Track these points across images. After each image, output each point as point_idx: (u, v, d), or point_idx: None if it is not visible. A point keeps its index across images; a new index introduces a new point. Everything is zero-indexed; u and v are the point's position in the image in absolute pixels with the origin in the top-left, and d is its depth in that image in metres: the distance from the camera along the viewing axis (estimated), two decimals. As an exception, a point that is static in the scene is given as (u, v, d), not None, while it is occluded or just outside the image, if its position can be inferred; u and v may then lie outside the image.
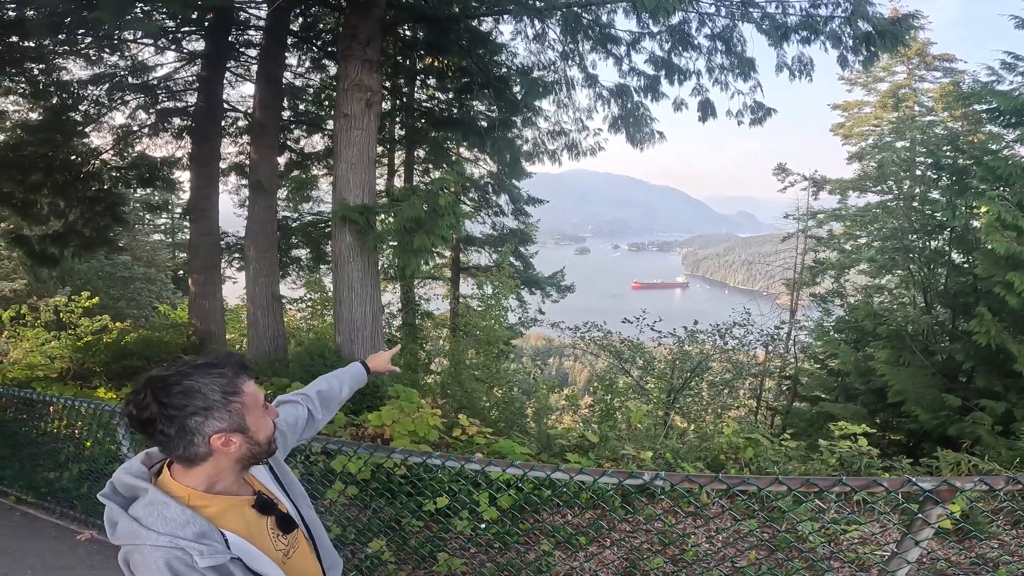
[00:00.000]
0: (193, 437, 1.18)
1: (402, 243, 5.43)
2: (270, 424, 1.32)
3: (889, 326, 7.27)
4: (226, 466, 1.26)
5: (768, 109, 7.29)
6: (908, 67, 19.15)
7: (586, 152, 10.36)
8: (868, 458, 3.73)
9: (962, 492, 1.67)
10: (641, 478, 1.87)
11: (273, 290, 7.84)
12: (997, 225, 5.49)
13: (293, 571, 1.37)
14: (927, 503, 1.75)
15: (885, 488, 1.69)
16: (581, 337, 11.40)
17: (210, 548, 1.16)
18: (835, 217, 18.28)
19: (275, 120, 8.77)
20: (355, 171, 6.22)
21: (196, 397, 1.18)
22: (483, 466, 2.15)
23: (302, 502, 1.53)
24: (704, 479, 1.79)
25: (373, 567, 3.24)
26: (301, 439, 1.75)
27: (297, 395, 1.79)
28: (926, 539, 1.82)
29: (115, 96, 10.05)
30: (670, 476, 1.84)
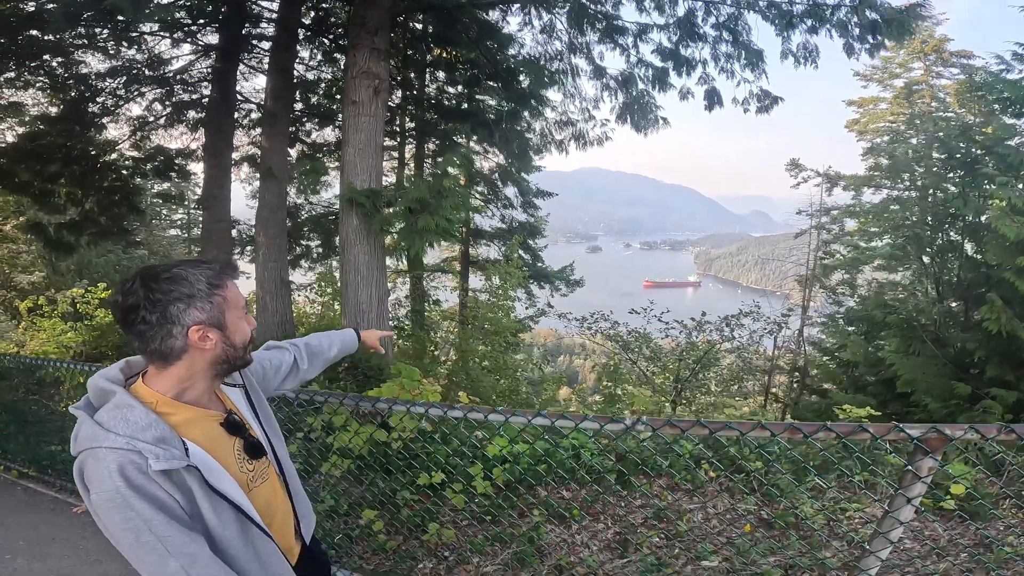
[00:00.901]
0: (172, 327, 1.18)
1: (407, 224, 5.50)
2: (247, 330, 1.31)
3: (899, 315, 7.19)
4: (199, 368, 1.25)
5: (774, 97, 7.24)
6: (925, 63, 18.90)
7: (593, 142, 10.37)
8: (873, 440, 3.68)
9: (952, 440, 1.65)
10: (623, 423, 1.88)
11: (282, 275, 7.96)
12: (1007, 210, 5.42)
13: (259, 501, 1.34)
14: (917, 453, 1.72)
15: (871, 434, 1.69)
16: (588, 328, 11.40)
17: (167, 453, 1.13)
18: (849, 213, 18.09)
19: (286, 110, 8.90)
20: (362, 156, 6.30)
21: (182, 284, 1.19)
22: (465, 412, 2.18)
23: (277, 441, 1.51)
24: (685, 424, 1.78)
25: (364, 536, 3.29)
26: (283, 387, 1.76)
27: (287, 343, 1.80)
28: (918, 495, 1.80)
29: (132, 89, 10.25)
30: (651, 421, 1.85)
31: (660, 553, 2.84)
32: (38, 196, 9.67)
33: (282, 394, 1.80)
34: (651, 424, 1.84)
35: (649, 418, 1.88)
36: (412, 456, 3.52)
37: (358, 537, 3.29)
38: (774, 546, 2.79)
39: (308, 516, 1.61)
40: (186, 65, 10.55)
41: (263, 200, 7.97)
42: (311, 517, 1.63)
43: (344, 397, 2.56)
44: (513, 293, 12.47)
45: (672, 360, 10.62)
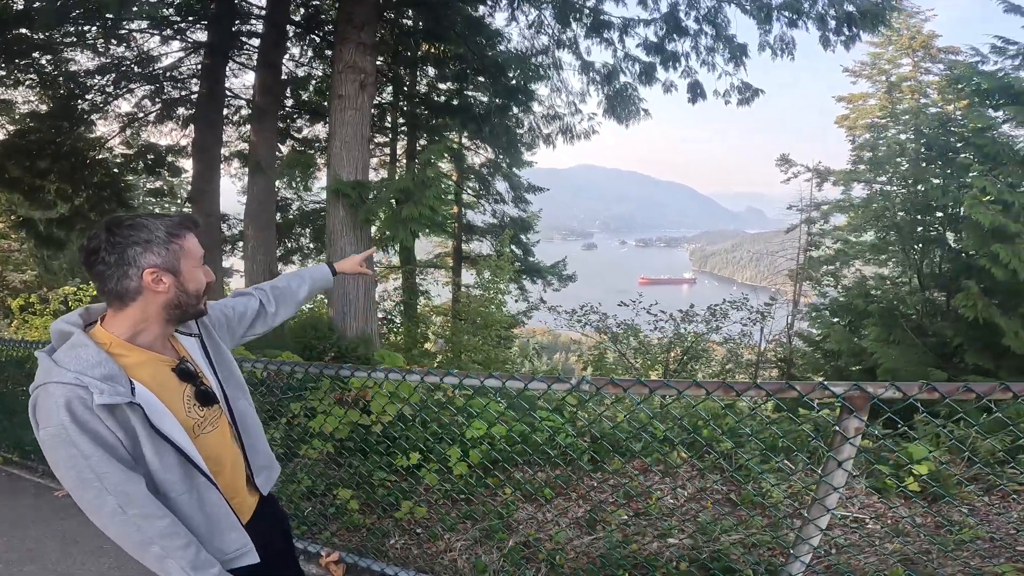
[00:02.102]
0: (128, 268, 1.24)
1: (392, 214, 5.57)
2: (203, 280, 1.38)
3: (880, 304, 7.29)
4: (153, 311, 1.30)
5: (755, 89, 7.33)
6: (914, 59, 19.07)
7: (580, 136, 10.45)
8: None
9: (875, 398, 1.70)
10: (568, 382, 1.95)
11: (271, 267, 8.02)
12: (982, 198, 5.52)
13: (207, 449, 1.37)
14: (843, 413, 1.76)
15: (798, 392, 1.74)
16: (578, 320, 11.49)
17: (112, 389, 1.17)
18: (838, 208, 18.22)
19: (275, 105, 8.96)
20: (348, 149, 6.36)
21: (142, 230, 1.26)
22: (422, 376, 2.25)
23: (234, 391, 1.54)
24: (627, 383, 1.83)
25: (339, 514, 3.37)
26: (253, 332, 1.77)
27: (251, 288, 1.82)
28: (848, 458, 1.84)
29: (121, 86, 10.30)
30: (596, 380, 1.91)
31: (627, 531, 2.92)
32: (28, 192, 9.69)
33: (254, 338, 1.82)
34: (595, 383, 1.90)
35: (592, 376, 1.95)
36: (391, 439, 3.59)
37: (333, 515, 3.37)
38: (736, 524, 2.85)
39: (268, 468, 1.63)
40: (175, 62, 10.61)
41: (252, 194, 8.02)
42: (272, 470, 1.65)
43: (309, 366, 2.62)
44: (504, 287, 12.55)
45: (660, 352, 10.72)
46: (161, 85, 10.65)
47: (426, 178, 5.50)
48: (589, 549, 2.79)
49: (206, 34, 9.78)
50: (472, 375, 2.11)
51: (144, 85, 10.52)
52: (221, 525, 1.38)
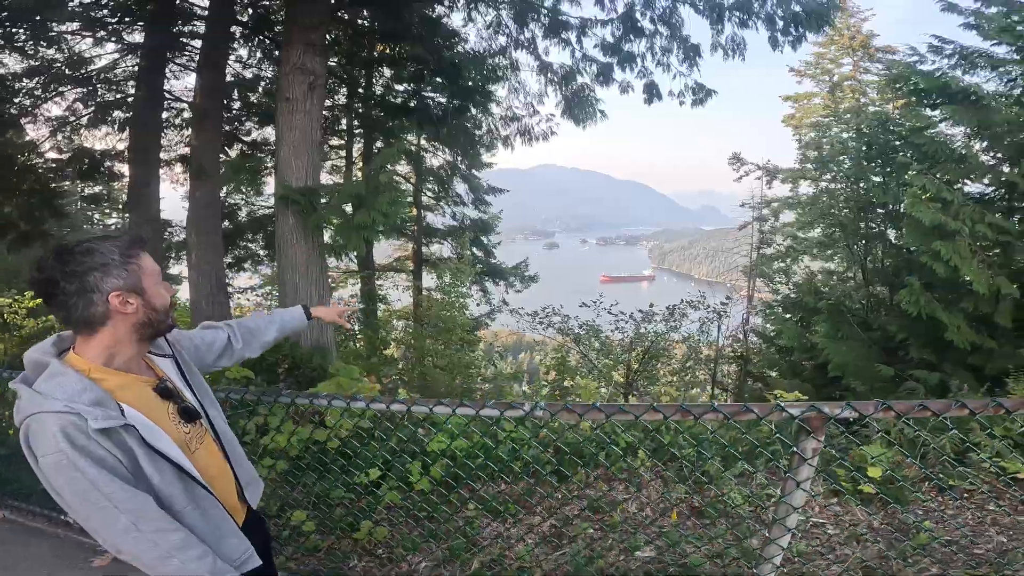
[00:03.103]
0: (92, 295, 1.24)
1: (344, 221, 5.38)
2: (166, 296, 1.39)
3: (829, 301, 7.52)
4: (124, 333, 1.31)
5: (708, 90, 7.46)
6: (854, 59, 19.95)
7: (539, 137, 10.43)
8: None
9: (831, 419, 1.67)
10: (521, 408, 1.88)
11: (218, 277, 7.64)
12: (923, 196, 5.73)
13: (199, 463, 1.40)
14: (800, 433, 1.73)
15: (756, 414, 1.70)
16: (540, 323, 11.46)
17: (104, 413, 1.20)
18: (787, 205, 18.88)
19: (218, 107, 8.62)
20: (297, 154, 6.11)
21: (95, 255, 1.26)
22: (367, 403, 2.13)
23: (212, 409, 1.57)
24: (581, 407, 1.79)
25: (294, 537, 3.19)
26: (219, 364, 1.80)
27: (222, 323, 1.85)
28: (807, 479, 1.80)
29: (51, 89, 9.73)
30: (550, 406, 1.85)
31: (594, 545, 2.85)
32: (-51, 201, 8.97)
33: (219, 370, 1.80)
34: (548, 409, 1.83)
35: (547, 403, 1.88)
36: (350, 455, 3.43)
37: (288, 538, 3.19)
38: (704, 535, 2.83)
39: (253, 483, 1.67)
40: (110, 64, 10.09)
41: (194, 199, 7.63)
42: (257, 484, 1.70)
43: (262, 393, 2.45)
44: (465, 290, 12.42)
45: (622, 352, 10.80)
46: (94, 87, 10.11)
47: (379, 183, 5.33)
48: (556, 568, 2.71)
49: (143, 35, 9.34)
50: (420, 401, 2.00)
51: (75, 88, 9.97)
52: (224, 533, 1.42)
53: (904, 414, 1.57)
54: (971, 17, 6.76)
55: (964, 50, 6.98)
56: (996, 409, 1.49)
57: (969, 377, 5.94)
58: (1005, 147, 6.42)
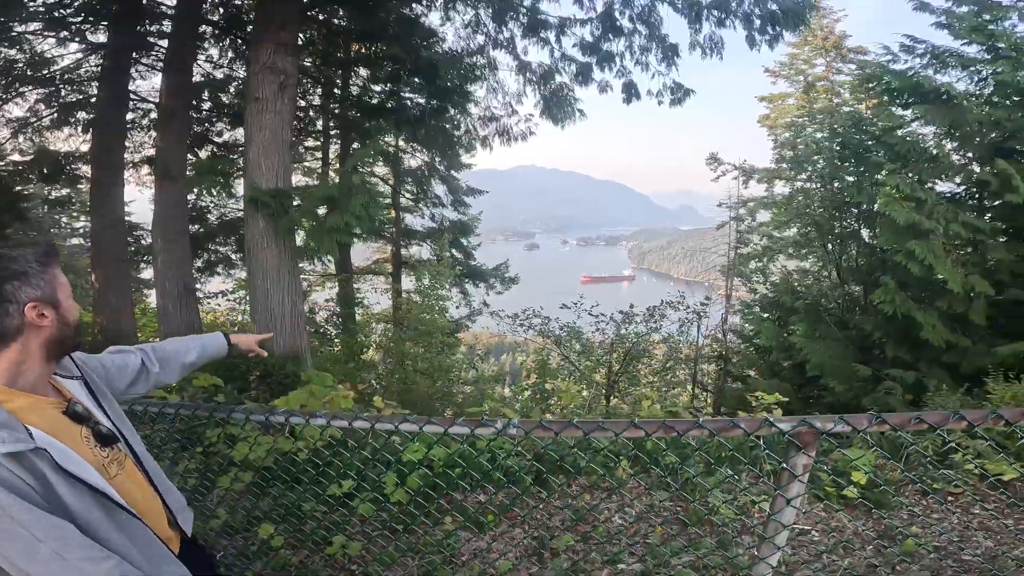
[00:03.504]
0: (8, 305, 1.17)
1: (317, 223, 5.20)
2: (77, 311, 1.31)
3: (806, 300, 7.56)
4: (33, 349, 1.22)
5: (687, 89, 7.45)
6: (827, 59, 20.29)
7: (517, 137, 10.34)
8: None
9: (823, 433, 1.56)
10: (493, 426, 1.76)
11: (186, 281, 7.37)
12: (896, 196, 5.78)
13: (124, 491, 1.30)
14: (790, 449, 1.64)
15: (743, 430, 1.60)
16: (520, 325, 11.36)
17: (12, 436, 1.11)
18: (763, 205, 19.12)
19: (185, 107, 8.36)
20: (267, 154, 5.91)
21: (13, 262, 1.18)
22: (327, 420, 2.00)
23: (129, 433, 1.47)
24: (557, 425, 1.68)
25: (263, 552, 3.02)
26: (134, 390, 1.68)
27: (133, 347, 1.74)
28: (797, 496, 1.71)
29: (12, 89, 9.36)
30: (524, 424, 1.73)
31: (577, 558, 2.75)
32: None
33: (135, 398, 1.70)
34: (523, 427, 1.72)
35: (521, 420, 1.76)
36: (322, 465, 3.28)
37: (256, 554, 3.02)
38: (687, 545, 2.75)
39: (183, 510, 1.57)
40: (73, 64, 9.74)
41: (160, 202, 7.36)
42: (187, 512, 1.59)
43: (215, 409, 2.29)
44: (445, 292, 12.25)
45: (603, 354, 10.75)
46: (57, 88, 9.76)
47: (352, 184, 5.16)
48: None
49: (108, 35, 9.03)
50: (384, 419, 1.87)
51: (38, 89, 9.61)
52: (158, 560, 1.31)
53: (900, 428, 1.49)
54: (943, 16, 6.86)
55: (935, 49, 7.08)
56: (996, 421, 1.42)
57: (944, 375, 6.02)
58: (976, 147, 6.53)
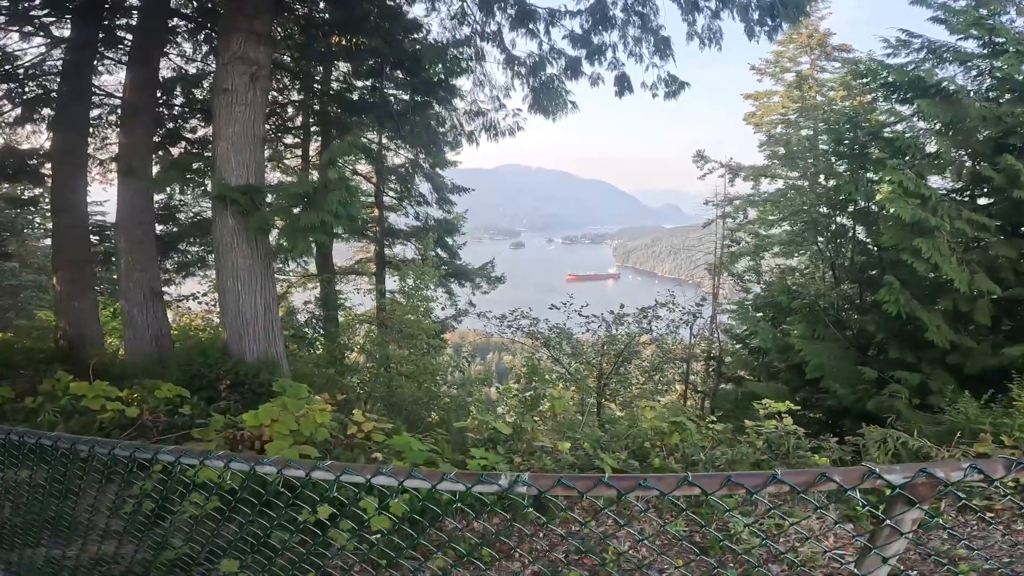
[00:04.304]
0: None
1: (290, 222, 4.83)
2: None
3: (803, 300, 7.36)
4: None
5: (681, 82, 7.19)
6: (811, 57, 20.32)
7: (505, 132, 10.00)
8: (796, 438, 3.55)
9: (948, 486, 1.20)
10: (495, 483, 1.36)
11: (152, 285, 6.92)
12: (900, 192, 5.57)
13: None
14: (897, 503, 1.29)
15: (838, 484, 1.23)
16: (508, 326, 11.02)
17: None
18: (750, 203, 19.06)
19: (150, 103, 7.96)
20: (237, 149, 5.52)
21: None
22: (251, 466, 1.63)
23: None
24: (585, 482, 1.30)
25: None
26: None
27: None
28: (896, 554, 1.36)
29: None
30: (537, 479, 1.34)
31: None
32: None
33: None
34: (535, 485, 1.32)
35: (532, 475, 1.36)
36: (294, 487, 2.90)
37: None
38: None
39: None
40: (37, 58, 9.21)
41: (123, 202, 6.90)
42: None
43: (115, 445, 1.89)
44: (430, 293, 11.88)
45: (593, 355, 10.47)
46: (21, 83, 9.21)
47: (329, 180, 4.80)
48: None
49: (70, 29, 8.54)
50: (351, 470, 1.50)
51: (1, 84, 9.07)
52: None
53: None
54: (940, 11, 6.68)
55: (932, 44, 6.90)
56: None
57: (948, 377, 5.83)
58: (977, 142, 6.37)
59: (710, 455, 3.38)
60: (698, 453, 3.30)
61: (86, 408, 4.10)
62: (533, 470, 3.35)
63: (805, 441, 3.62)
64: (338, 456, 3.92)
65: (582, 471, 3.29)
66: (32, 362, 6.94)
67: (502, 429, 3.74)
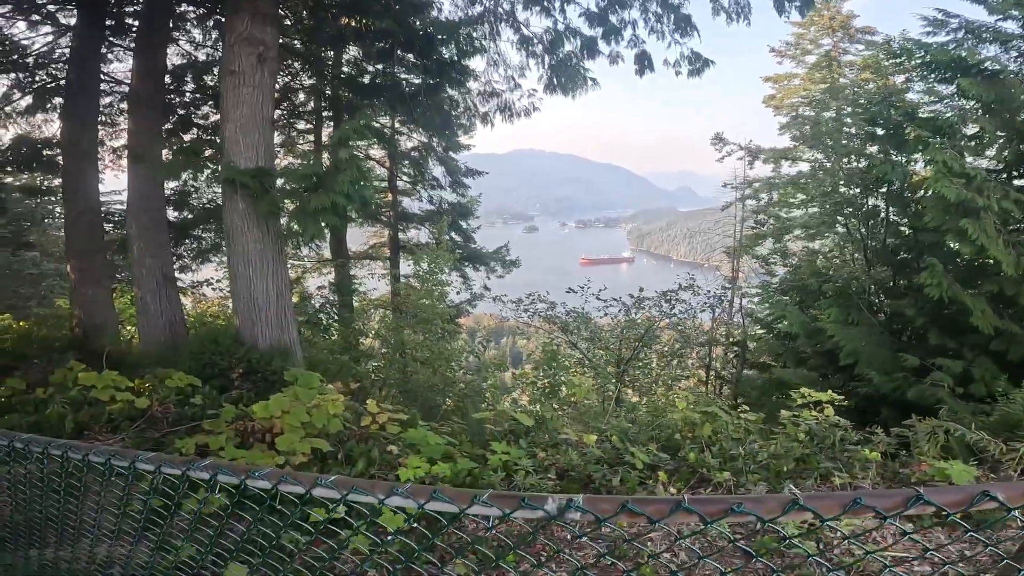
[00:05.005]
0: None
1: (301, 204, 4.67)
2: None
3: (836, 283, 7.05)
4: None
5: (706, 60, 6.86)
6: (834, 39, 19.81)
7: (520, 113, 9.73)
8: (842, 431, 3.32)
9: None
10: (541, 508, 1.05)
11: (165, 271, 6.85)
12: (944, 172, 5.24)
13: None
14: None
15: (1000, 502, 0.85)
16: (525, 310, 10.83)
17: None
18: (770, 185, 18.72)
19: (158, 89, 7.85)
20: (246, 132, 5.35)
21: None
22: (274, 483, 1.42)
23: None
24: (657, 506, 0.97)
25: None
26: None
27: None
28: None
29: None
30: (594, 503, 1.01)
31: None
32: None
33: None
34: (591, 510, 1.01)
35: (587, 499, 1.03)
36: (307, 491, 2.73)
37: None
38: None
39: None
40: (46, 47, 9.14)
41: (133, 188, 6.82)
42: None
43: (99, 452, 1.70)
44: (445, 277, 11.74)
45: (612, 340, 10.24)
46: (31, 73, 9.16)
47: (339, 161, 4.62)
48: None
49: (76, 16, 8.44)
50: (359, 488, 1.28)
51: (11, 73, 9.02)
52: None
53: None
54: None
55: (970, 24, 6.55)
56: None
57: (991, 364, 5.54)
58: (1020, 123, 6.00)
59: (749, 449, 3.17)
60: (736, 447, 3.10)
61: (96, 399, 4.00)
62: (559, 465, 3.17)
63: (851, 434, 3.40)
64: (351, 449, 3.78)
65: (611, 466, 3.11)
66: (47, 351, 6.93)
67: (523, 420, 3.56)
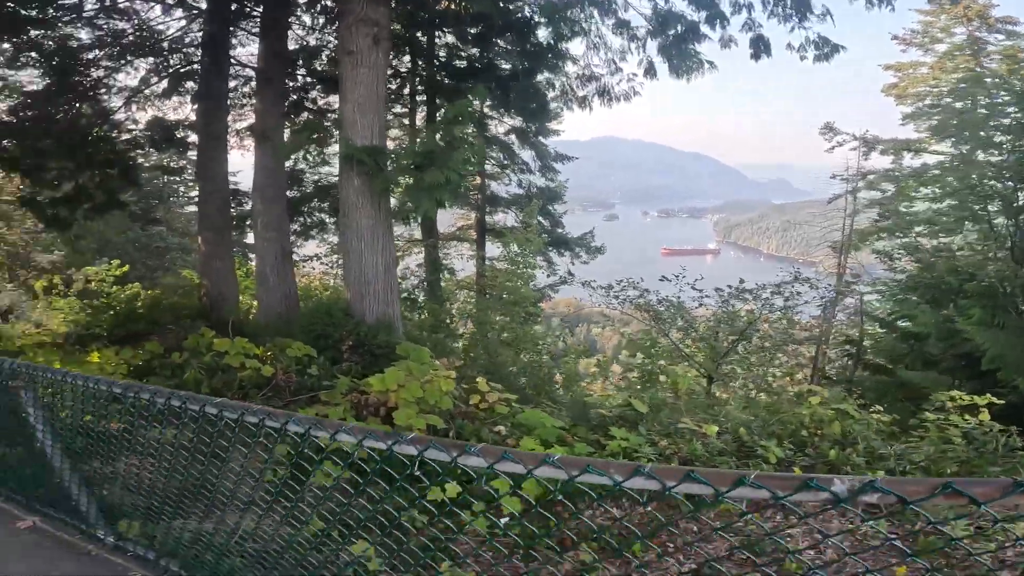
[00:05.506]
0: None
1: (415, 181, 4.78)
2: None
3: (981, 283, 6.26)
4: None
5: (835, 45, 6.28)
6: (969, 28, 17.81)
7: (619, 97, 9.43)
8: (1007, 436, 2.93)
9: None
10: (828, 489, 0.91)
11: (283, 245, 7.33)
12: None
13: None
14: None
15: None
16: (615, 297, 10.56)
17: None
18: (888, 178, 17.35)
19: (281, 72, 8.30)
20: (363, 111, 5.54)
21: None
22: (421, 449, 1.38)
23: None
24: (990, 487, 0.84)
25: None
26: None
27: None
28: None
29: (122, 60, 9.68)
30: (897, 484, 0.85)
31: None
32: (29, 171, 9.20)
33: None
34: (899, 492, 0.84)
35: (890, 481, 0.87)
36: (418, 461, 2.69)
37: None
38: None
39: None
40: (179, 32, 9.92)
41: (259, 166, 7.32)
42: None
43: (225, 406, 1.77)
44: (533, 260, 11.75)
45: (708, 332, 9.75)
46: (166, 57, 9.99)
47: (453, 138, 4.67)
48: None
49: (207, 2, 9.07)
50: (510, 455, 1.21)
51: (147, 58, 9.88)
52: None
53: None
54: None
55: None
56: None
57: None
58: None
59: (902, 451, 2.86)
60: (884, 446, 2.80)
61: (227, 366, 4.32)
62: (681, 455, 3.03)
63: (1016, 439, 2.98)
64: (461, 427, 3.82)
65: (738, 459, 2.92)
66: (178, 318, 7.65)
67: (639, 407, 3.43)
